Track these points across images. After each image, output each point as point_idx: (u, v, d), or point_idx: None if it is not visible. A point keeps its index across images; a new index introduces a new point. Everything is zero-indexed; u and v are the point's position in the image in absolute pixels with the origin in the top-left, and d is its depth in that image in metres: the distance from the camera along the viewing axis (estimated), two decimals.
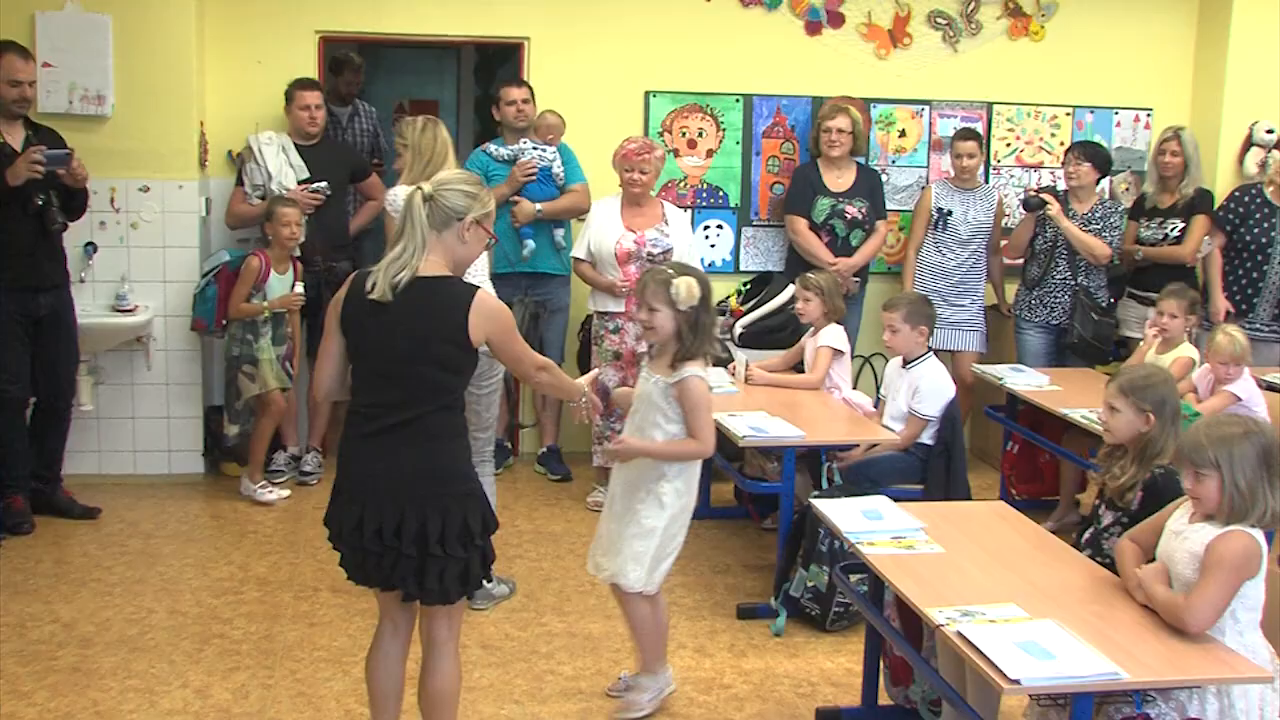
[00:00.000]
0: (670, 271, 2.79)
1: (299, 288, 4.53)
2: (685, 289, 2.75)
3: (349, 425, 2.45)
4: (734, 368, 4.45)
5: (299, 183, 4.74)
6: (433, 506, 2.37)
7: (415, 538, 2.36)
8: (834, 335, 4.32)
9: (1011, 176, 5.59)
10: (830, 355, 4.27)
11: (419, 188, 2.39)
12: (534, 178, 4.78)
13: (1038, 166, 5.60)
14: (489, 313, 2.38)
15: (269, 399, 4.60)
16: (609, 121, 5.08)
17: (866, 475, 3.87)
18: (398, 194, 3.47)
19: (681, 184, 5.38)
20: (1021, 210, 5.12)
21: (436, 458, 2.38)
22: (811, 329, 4.40)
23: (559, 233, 4.82)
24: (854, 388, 4.48)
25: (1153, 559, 2.40)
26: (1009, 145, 5.59)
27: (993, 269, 5.29)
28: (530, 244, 4.78)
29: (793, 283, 4.85)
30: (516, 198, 4.77)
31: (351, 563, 2.46)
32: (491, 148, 4.90)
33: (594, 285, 4.51)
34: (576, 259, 4.58)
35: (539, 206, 4.79)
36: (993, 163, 5.57)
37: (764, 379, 4.34)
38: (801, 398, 4.21)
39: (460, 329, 2.34)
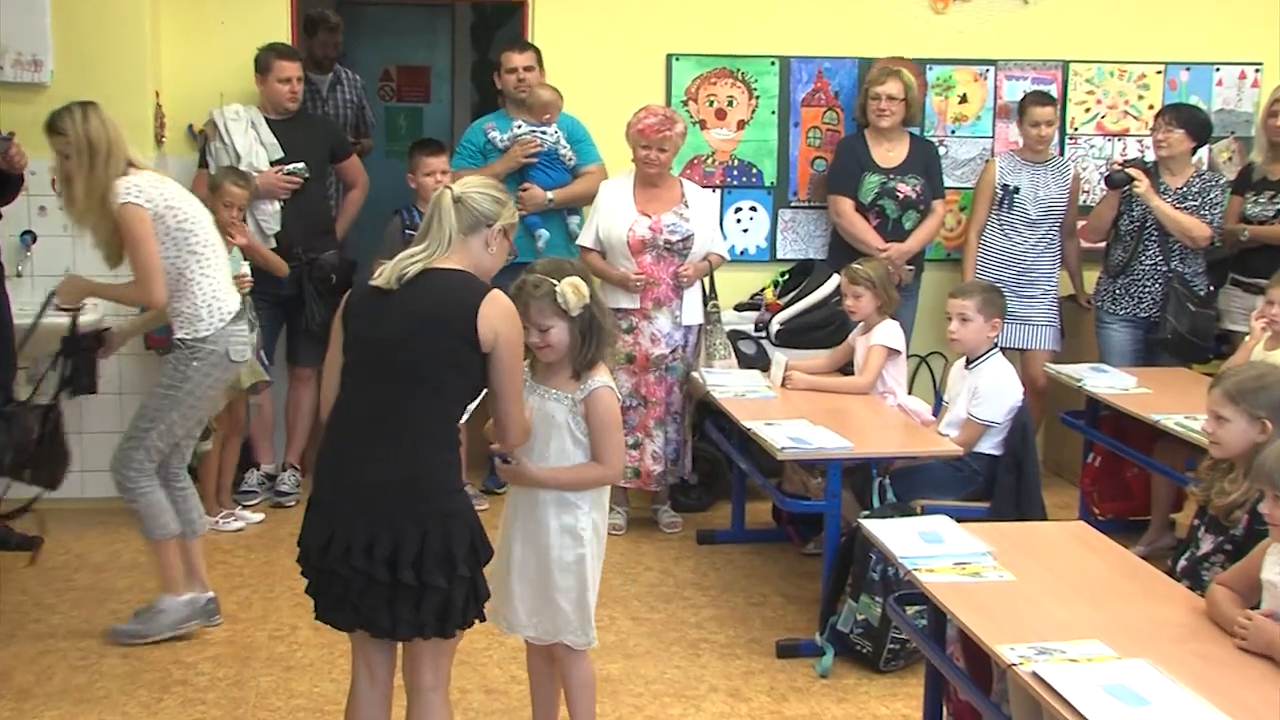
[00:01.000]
0: (545, 279, 2.76)
1: (246, 268, 4.49)
2: (572, 291, 2.73)
3: (329, 427, 2.51)
4: (773, 370, 4.49)
5: (272, 164, 4.75)
6: (410, 523, 2.38)
7: (387, 559, 2.37)
8: (889, 332, 4.32)
9: (1091, 147, 5.59)
10: (884, 355, 4.27)
11: (448, 189, 2.50)
12: (535, 160, 4.82)
13: (1122, 135, 5.61)
14: (504, 312, 2.46)
15: (230, 410, 4.60)
16: (625, 90, 5.07)
17: (918, 486, 3.88)
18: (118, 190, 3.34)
19: (709, 160, 5.39)
20: (1103, 187, 5.14)
21: (420, 466, 2.40)
22: (862, 325, 4.42)
23: (574, 220, 4.85)
24: (909, 392, 4.49)
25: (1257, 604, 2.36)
26: (1088, 110, 5.59)
27: (1068, 254, 5.29)
28: (544, 234, 4.82)
29: (837, 273, 4.88)
30: (526, 184, 4.81)
31: (318, 591, 2.48)
32: (494, 130, 4.90)
33: (604, 278, 4.49)
34: (584, 248, 4.59)
35: (550, 194, 4.82)
36: (1068, 131, 5.57)
37: (805, 382, 4.36)
38: (849, 404, 4.21)
39: (469, 321, 2.40)
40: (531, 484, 2.79)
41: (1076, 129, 5.57)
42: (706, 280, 4.71)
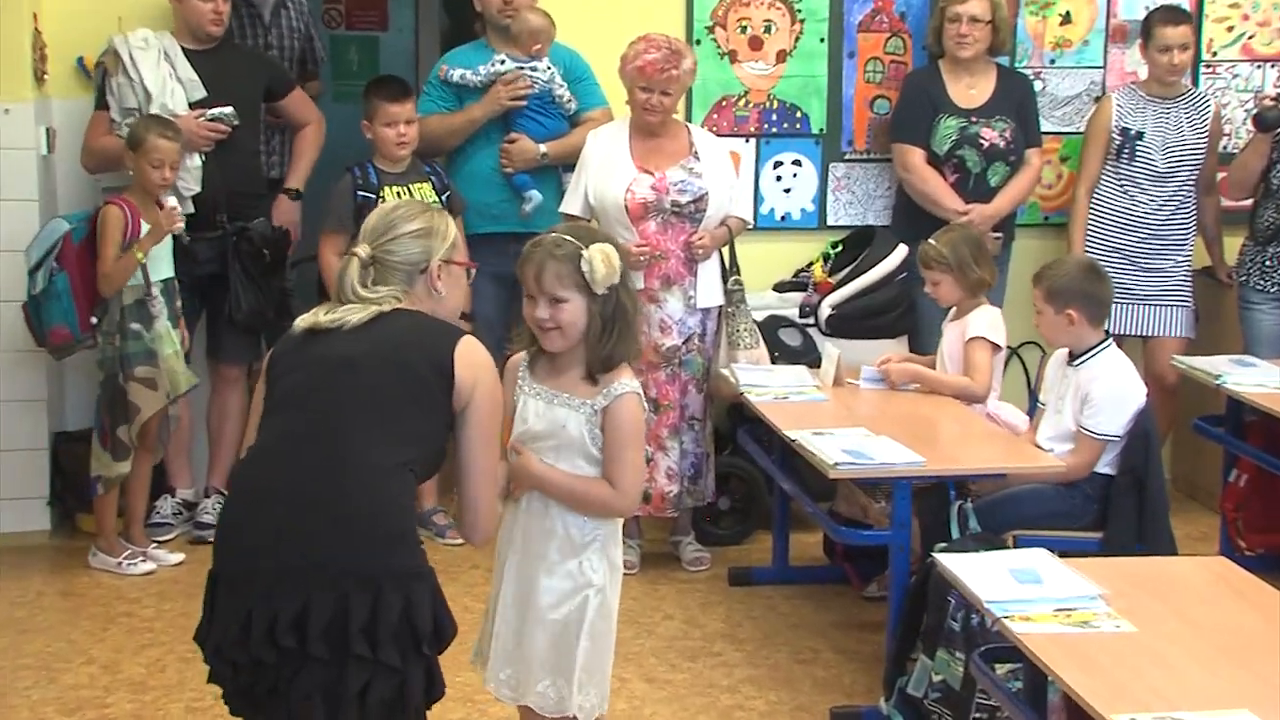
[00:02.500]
0: (568, 238, 2.81)
1: (172, 200, 4.47)
2: (602, 261, 2.76)
3: (237, 481, 2.52)
4: (824, 366, 4.50)
5: (192, 106, 4.76)
6: (358, 583, 2.35)
7: (327, 630, 2.32)
8: (989, 321, 4.33)
9: (1235, 77, 5.56)
10: (990, 351, 4.29)
11: (354, 254, 2.57)
12: (523, 103, 4.83)
13: (1275, 60, 5.50)
14: (486, 362, 2.55)
15: (145, 425, 4.58)
16: (635, 15, 5.06)
17: (1013, 516, 3.88)
18: None
19: (740, 102, 5.38)
20: (1250, 128, 5.12)
21: (375, 508, 2.39)
22: (953, 311, 4.43)
23: (570, 179, 4.85)
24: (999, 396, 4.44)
25: None
26: (1231, 30, 5.54)
27: (1206, 215, 5.27)
28: (535, 195, 4.84)
29: (904, 243, 4.94)
30: (513, 135, 4.83)
31: (232, 685, 2.44)
32: (454, 70, 4.89)
33: None
34: (569, 216, 4.59)
35: (544, 148, 4.84)
36: (1205, 58, 5.53)
37: (908, 373, 4.35)
38: (921, 409, 4.23)
39: (444, 354, 2.48)
40: (532, 483, 2.84)
41: (1216, 54, 5.55)
42: (725, 251, 4.73)
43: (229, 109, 4.76)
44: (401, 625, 2.35)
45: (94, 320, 4.51)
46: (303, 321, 2.55)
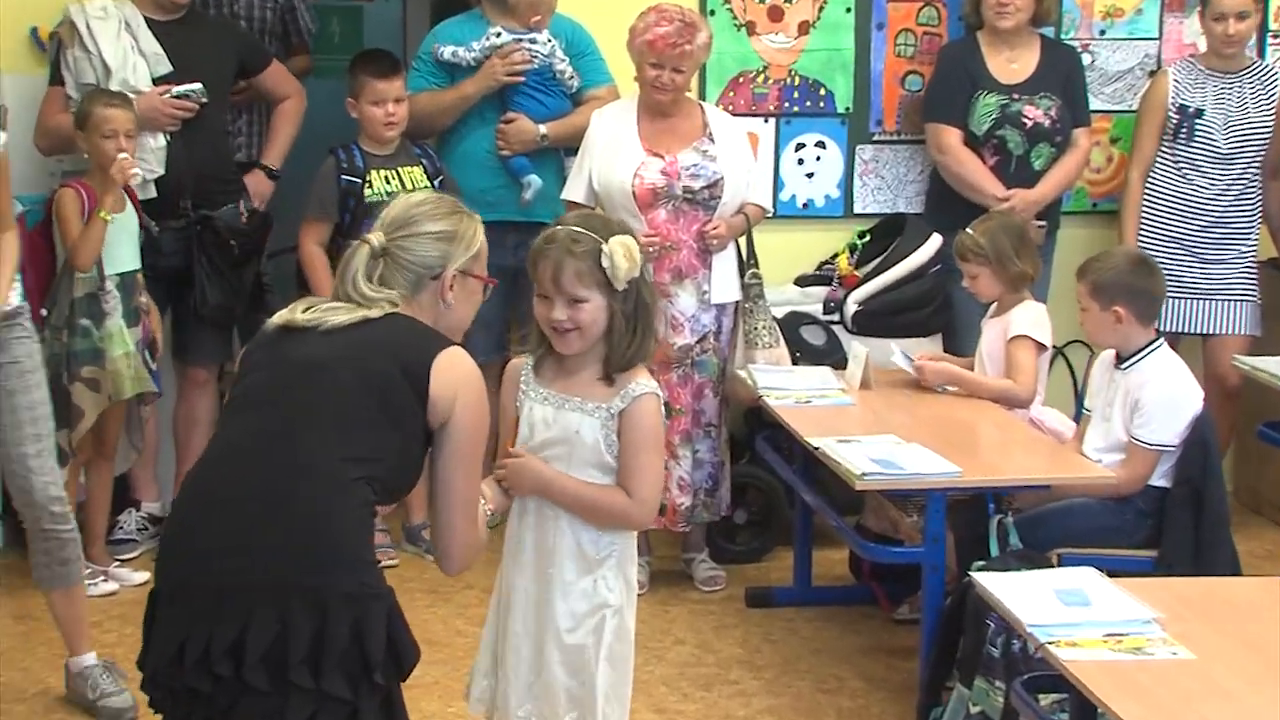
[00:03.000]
0: (585, 232, 2.82)
1: (125, 154, 4.39)
2: (624, 255, 2.79)
3: (184, 488, 2.52)
4: (850, 367, 4.52)
5: (156, 81, 4.76)
6: (301, 604, 2.31)
7: (266, 656, 2.28)
8: (1033, 318, 4.34)
9: None
10: (1034, 351, 4.30)
11: (365, 240, 2.56)
12: (521, 78, 4.84)
13: None
14: (469, 375, 2.52)
15: (99, 430, 4.56)
16: None
17: (1058, 532, 3.87)
18: None
19: (759, 78, 5.37)
20: None
21: (320, 524, 2.37)
22: (993, 307, 4.44)
23: (572, 163, 4.87)
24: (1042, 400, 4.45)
25: None
26: None
27: (1272, 202, 5.23)
28: (534, 181, 4.85)
29: (938, 233, 4.96)
30: (510, 115, 4.85)
31: (171, 715, 2.42)
32: (444, 48, 4.89)
33: None
34: (571, 203, 4.61)
35: (544, 129, 4.84)
36: (1273, 28, 5.52)
37: (945, 374, 4.37)
38: (957, 412, 4.23)
39: (422, 365, 2.46)
40: (535, 488, 2.85)
41: None
42: (743, 241, 4.74)
43: (197, 85, 4.75)
44: (351, 651, 2.31)
45: (44, 313, 4.46)
46: (278, 318, 2.55)
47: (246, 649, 2.27)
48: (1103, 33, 5.47)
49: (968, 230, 4.39)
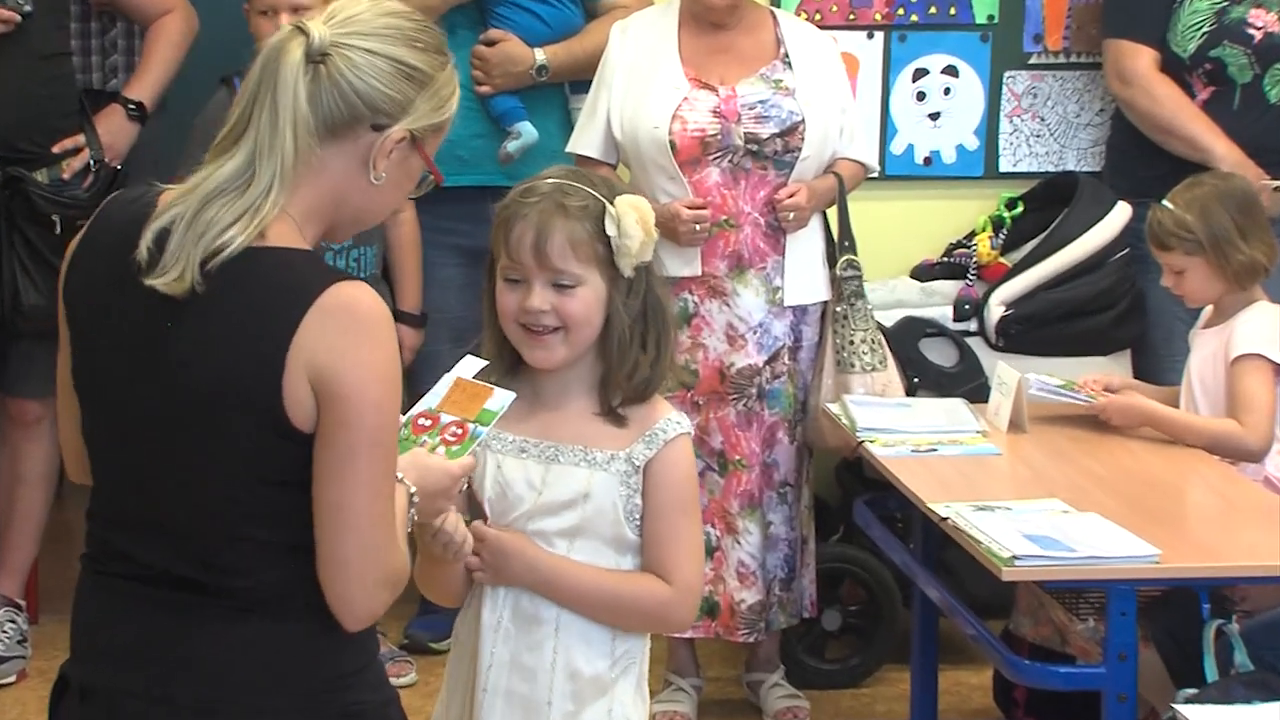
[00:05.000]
0: (586, 188, 2.87)
1: None
2: (636, 219, 2.82)
3: (86, 572, 2.55)
4: (993, 399, 4.48)
5: None
6: None
7: None
8: (1264, 329, 4.32)
9: None
10: (1271, 377, 4.29)
11: (298, 29, 2.48)
12: None
13: None
14: (348, 323, 2.41)
15: None
16: None
17: None
18: None
19: None
20: None
21: (266, 651, 2.44)
22: (1207, 313, 4.48)
23: (576, 102, 4.99)
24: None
25: None
26: None
27: None
28: (524, 130, 4.92)
29: (1124, 201, 4.90)
30: (493, 33, 4.92)
31: None
32: None
33: None
34: (582, 158, 4.66)
35: (541, 54, 4.91)
36: None
37: (1135, 413, 4.31)
38: (1157, 469, 4.19)
39: (273, 365, 2.38)
40: (527, 581, 2.87)
41: None
42: (833, 216, 4.73)
43: None
44: None
45: None
46: (142, 266, 2.43)
47: None
48: None
49: (1166, 202, 4.32)
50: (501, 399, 2.79)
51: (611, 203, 2.82)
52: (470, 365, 2.91)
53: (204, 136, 4.68)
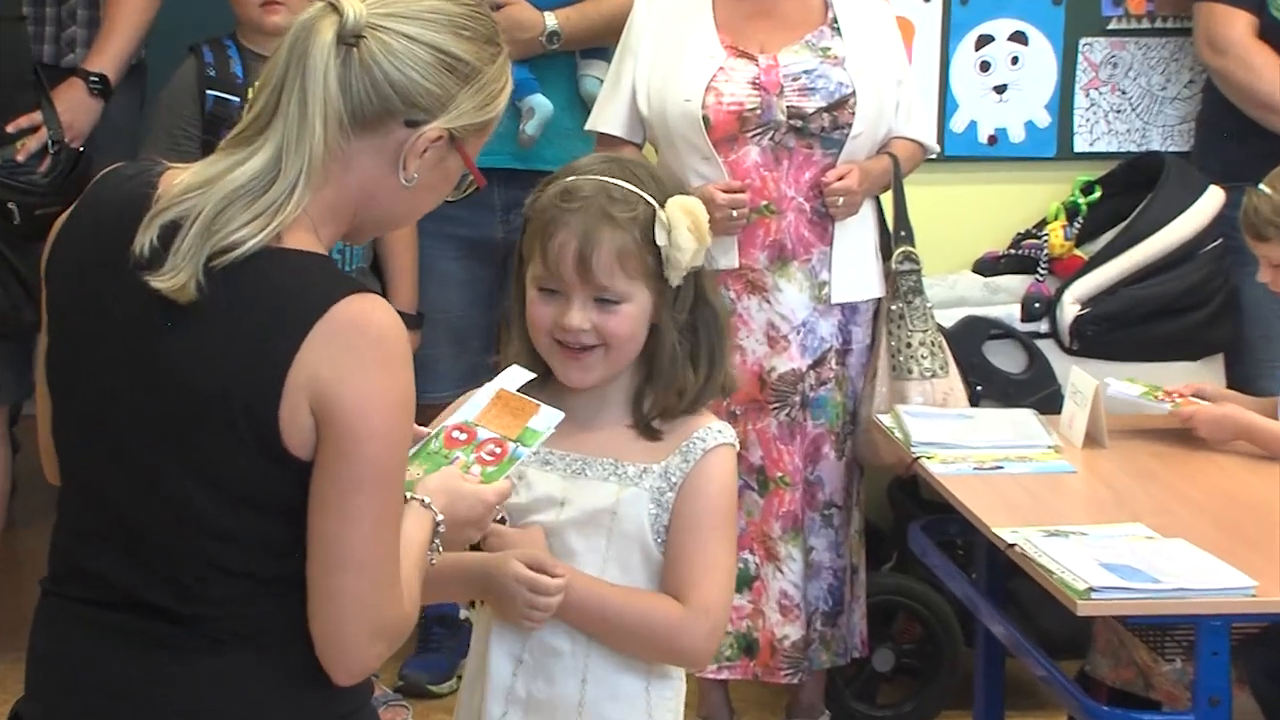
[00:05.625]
0: (635, 189, 2.87)
1: None
2: (690, 226, 2.83)
3: (46, 596, 2.58)
4: (1066, 409, 4.49)
5: None
6: None
7: None
8: None
9: None
10: None
11: (330, 4, 2.49)
12: None
13: None
14: (356, 341, 2.42)
15: None
16: None
17: None
18: None
19: None
20: None
21: (244, 693, 2.46)
22: None
23: (591, 74, 5.07)
24: None
25: None
26: None
27: None
28: (538, 104, 5.00)
29: (1217, 185, 4.95)
30: None
31: None
32: None
33: None
34: (604, 137, 4.75)
35: (552, 19, 4.99)
36: None
37: (1230, 425, 4.32)
38: (1253, 488, 4.16)
39: (272, 382, 2.38)
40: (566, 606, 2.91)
41: None
42: (887, 202, 4.76)
43: None
44: None
45: None
46: (140, 258, 2.44)
47: None
48: None
49: (1262, 187, 4.27)
50: (548, 418, 2.81)
51: (662, 206, 2.84)
52: (515, 376, 2.91)
53: (169, 112, 4.68)
